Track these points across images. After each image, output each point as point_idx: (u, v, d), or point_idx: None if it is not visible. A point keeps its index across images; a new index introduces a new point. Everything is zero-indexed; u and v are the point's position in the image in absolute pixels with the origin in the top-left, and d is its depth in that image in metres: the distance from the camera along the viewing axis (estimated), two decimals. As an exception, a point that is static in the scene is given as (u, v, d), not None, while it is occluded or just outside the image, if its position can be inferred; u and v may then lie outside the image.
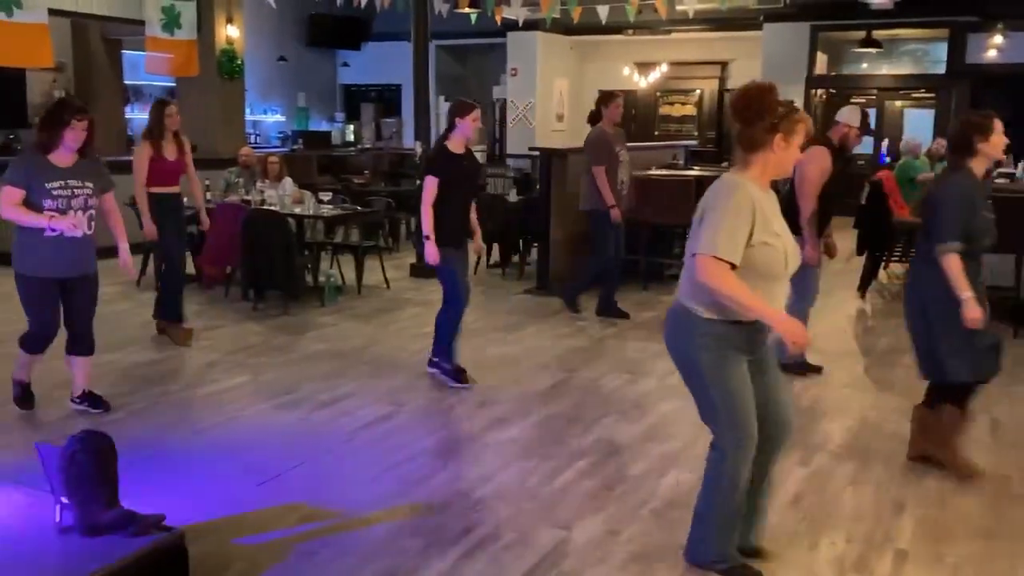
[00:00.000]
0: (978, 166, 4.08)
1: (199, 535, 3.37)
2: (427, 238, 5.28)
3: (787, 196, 5.59)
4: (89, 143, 4.63)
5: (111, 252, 7.01)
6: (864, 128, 5.76)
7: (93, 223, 4.69)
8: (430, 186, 5.25)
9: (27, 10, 8.83)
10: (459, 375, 5.53)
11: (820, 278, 5.69)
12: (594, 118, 7.29)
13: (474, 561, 3.34)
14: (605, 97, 7.27)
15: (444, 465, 4.28)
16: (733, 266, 2.93)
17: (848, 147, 5.76)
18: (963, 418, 4.32)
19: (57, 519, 3.01)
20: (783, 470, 4.26)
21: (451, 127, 5.33)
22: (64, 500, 3.00)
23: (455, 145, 5.34)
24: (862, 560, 3.41)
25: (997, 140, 4.06)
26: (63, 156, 4.57)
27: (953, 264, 3.93)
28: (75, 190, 4.57)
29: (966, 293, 3.90)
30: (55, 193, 4.50)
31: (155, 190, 6.33)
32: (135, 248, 6.72)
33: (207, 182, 8.67)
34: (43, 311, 4.68)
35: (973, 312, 3.89)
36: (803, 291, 5.54)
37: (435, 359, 5.65)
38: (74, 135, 4.53)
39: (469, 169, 5.52)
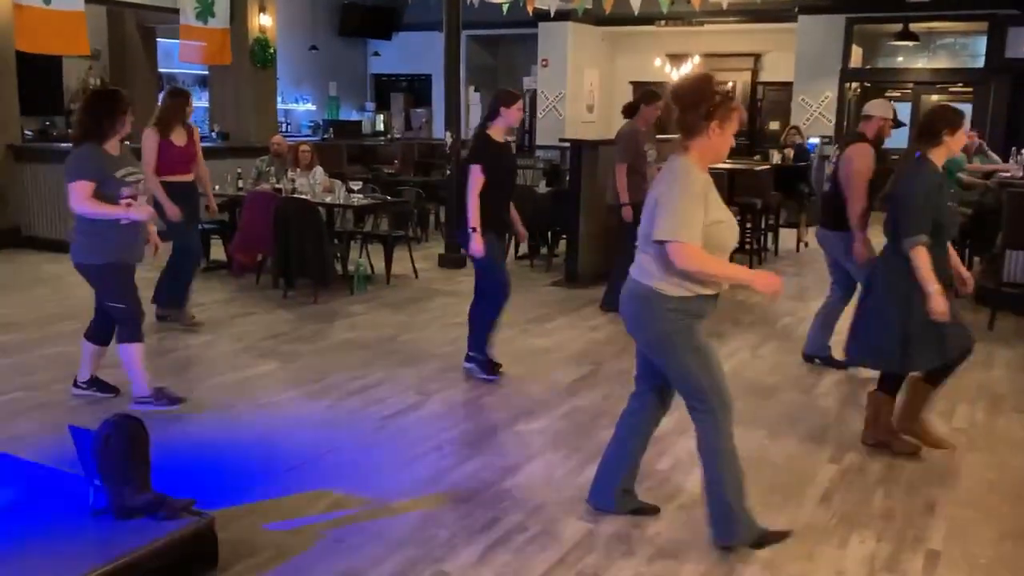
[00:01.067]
0: (938, 157, 4.19)
1: (229, 520, 3.41)
2: (474, 230, 5.10)
3: (829, 195, 5.63)
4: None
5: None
6: (895, 120, 5.74)
7: None
8: (476, 175, 5.11)
9: (64, -2, 8.93)
10: (490, 367, 5.50)
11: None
12: (630, 111, 7.12)
13: (500, 552, 3.35)
14: (649, 96, 7.07)
15: (471, 455, 4.29)
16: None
17: (882, 140, 5.68)
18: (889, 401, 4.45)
19: (90, 501, 3.06)
20: (813, 468, 4.23)
21: (494, 115, 5.23)
22: (97, 483, 3.05)
23: (496, 133, 5.26)
24: (893, 559, 3.37)
25: (960, 138, 4.21)
26: (114, 145, 4.60)
27: (923, 257, 4.01)
28: (136, 175, 4.63)
29: (933, 286, 3.98)
30: (128, 180, 4.52)
31: (167, 178, 6.36)
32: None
33: (239, 170, 8.76)
34: (134, 293, 4.69)
35: (938, 304, 3.97)
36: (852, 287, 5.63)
37: (471, 353, 5.57)
38: (129, 122, 4.62)
39: (511, 157, 5.49)
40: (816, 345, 5.92)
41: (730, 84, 15.95)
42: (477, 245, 5.16)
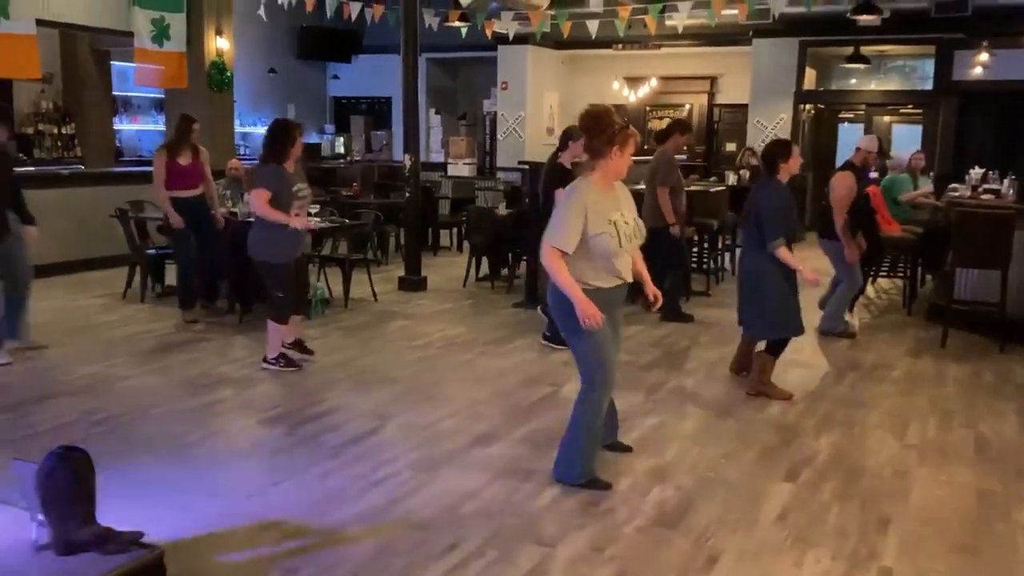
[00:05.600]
0: (783, 177, 5.48)
1: (179, 552, 3.34)
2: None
3: (822, 210, 7.16)
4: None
5: (93, 264, 7.07)
6: (881, 153, 7.03)
7: None
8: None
9: (14, 21, 8.81)
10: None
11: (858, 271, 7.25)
12: (663, 138, 7.73)
13: (457, 578, 3.32)
14: (684, 126, 7.89)
15: (429, 481, 4.25)
16: (566, 253, 3.81)
17: (867, 168, 7.17)
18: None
19: (32, 537, 2.97)
20: (768, 487, 4.26)
21: (564, 146, 6.10)
22: (40, 517, 2.97)
23: (566, 161, 5.98)
24: (847, 577, 3.40)
25: (794, 161, 5.45)
26: (291, 165, 5.75)
27: (784, 252, 5.29)
28: (305, 191, 5.83)
29: (798, 266, 5.35)
30: (301, 195, 5.76)
31: (173, 193, 7.31)
32: (123, 260, 6.73)
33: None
34: (292, 289, 5.95)
35: (809, 274, 5.34)
36: (850, 281, 7.19)
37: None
38: (301, 146, 5.82)
39: None
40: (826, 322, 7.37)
41: (687, 106, 16.18)
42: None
